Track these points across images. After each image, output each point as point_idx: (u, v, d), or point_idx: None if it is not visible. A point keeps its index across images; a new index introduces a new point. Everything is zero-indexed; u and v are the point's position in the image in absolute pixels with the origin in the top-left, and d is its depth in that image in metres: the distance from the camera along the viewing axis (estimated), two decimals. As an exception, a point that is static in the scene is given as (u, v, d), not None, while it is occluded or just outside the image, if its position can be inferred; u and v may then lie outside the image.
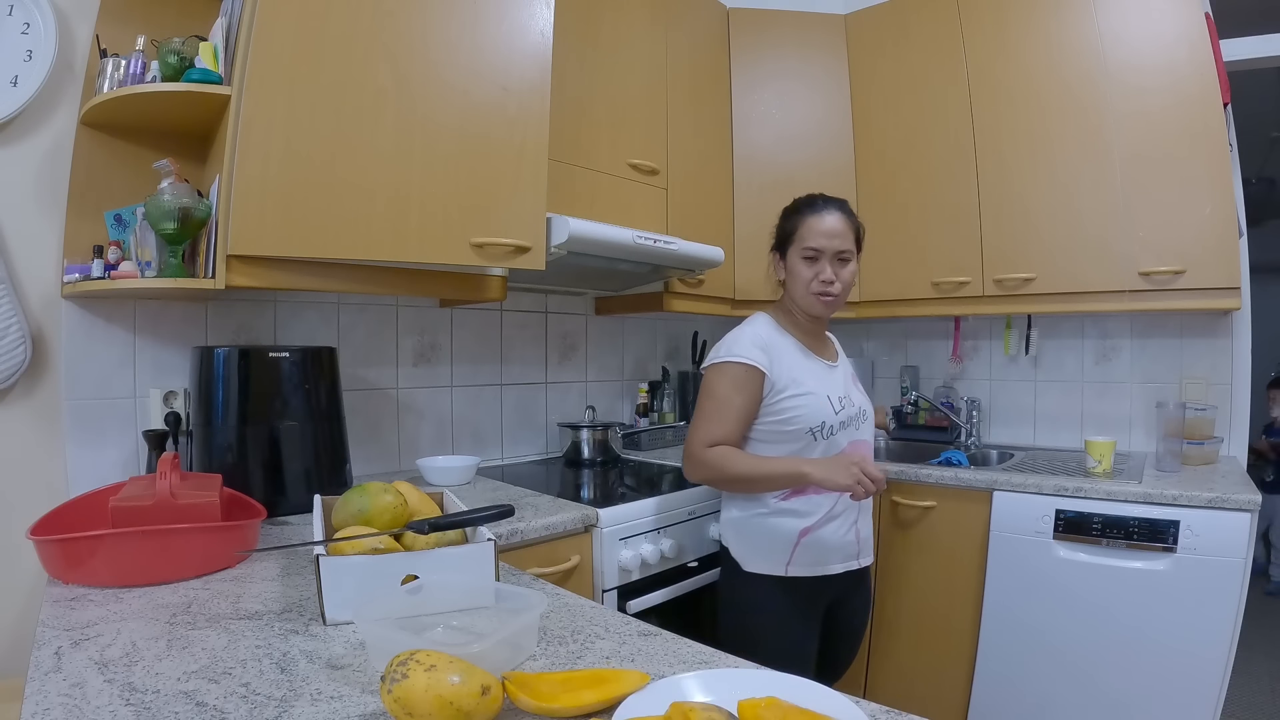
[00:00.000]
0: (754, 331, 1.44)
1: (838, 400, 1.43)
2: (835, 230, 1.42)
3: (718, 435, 1.38)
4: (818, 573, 1.42)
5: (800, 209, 1.46)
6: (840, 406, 1.43)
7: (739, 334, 1.44)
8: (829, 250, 1.41)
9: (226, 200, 1.24)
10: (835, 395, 1.43)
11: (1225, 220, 1.81)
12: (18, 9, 1.33)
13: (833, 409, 1.42)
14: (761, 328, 1.46)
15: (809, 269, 1.42)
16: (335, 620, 0.83)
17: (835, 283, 1.42)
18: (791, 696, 0.61)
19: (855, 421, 1.46)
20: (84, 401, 1.42)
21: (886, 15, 2.35)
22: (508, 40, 1.55)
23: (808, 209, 1.45)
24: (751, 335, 1.43)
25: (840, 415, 1.42)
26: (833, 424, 1.41)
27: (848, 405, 1.45)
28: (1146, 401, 2.20)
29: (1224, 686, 1.57)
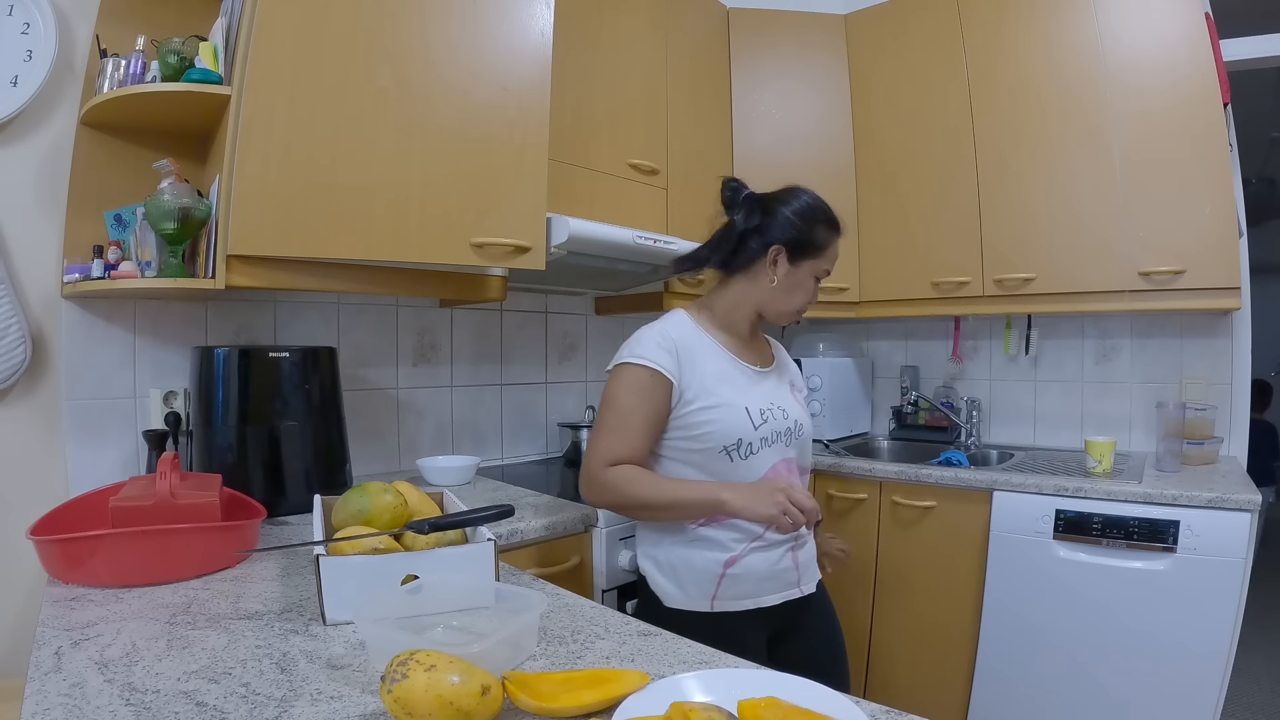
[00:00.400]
0: (663, 330, 1.24)
1: (759, 412, 1.23)
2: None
3: (619, 452, 1.18)
4: (748, 606, 1.22)
5: (834, 227, 1.30)
6: (763, 419, 1.22)
7: (645, 332, 1.25)
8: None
9: (226, 200, 1.24)
10: (757, 406, 1.23)
11: (1225, 220, 1.81)
12: (18, 9, 1.33)
13: (752, 423, 1.21)
14: (673, 326, 1.26)
15: (813, 289, 1.30)
16: (335, 620, 0.83)
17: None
18: (791, 696, 0.61)
19: (786, 437, 1.26)
20: (84, 401, 1.42)
21: (886, 15, 2.35)
22: (508, 40, 1.55)
23: (837, 232, 1.30)
24: (659, 334, 1.23)
25: (762, 430, 1.22)
26: (752, 440, 1.21)
27: (774, 418, 1.24)
28: (1146, 401, 2.20)
29: (1224, 686, 1.57)
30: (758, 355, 1.34)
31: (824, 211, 1.29)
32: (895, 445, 2.53)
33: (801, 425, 1.31)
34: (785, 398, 1.31)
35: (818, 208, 1.28)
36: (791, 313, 1.30)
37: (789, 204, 1.27)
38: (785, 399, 1.31)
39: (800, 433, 1.30)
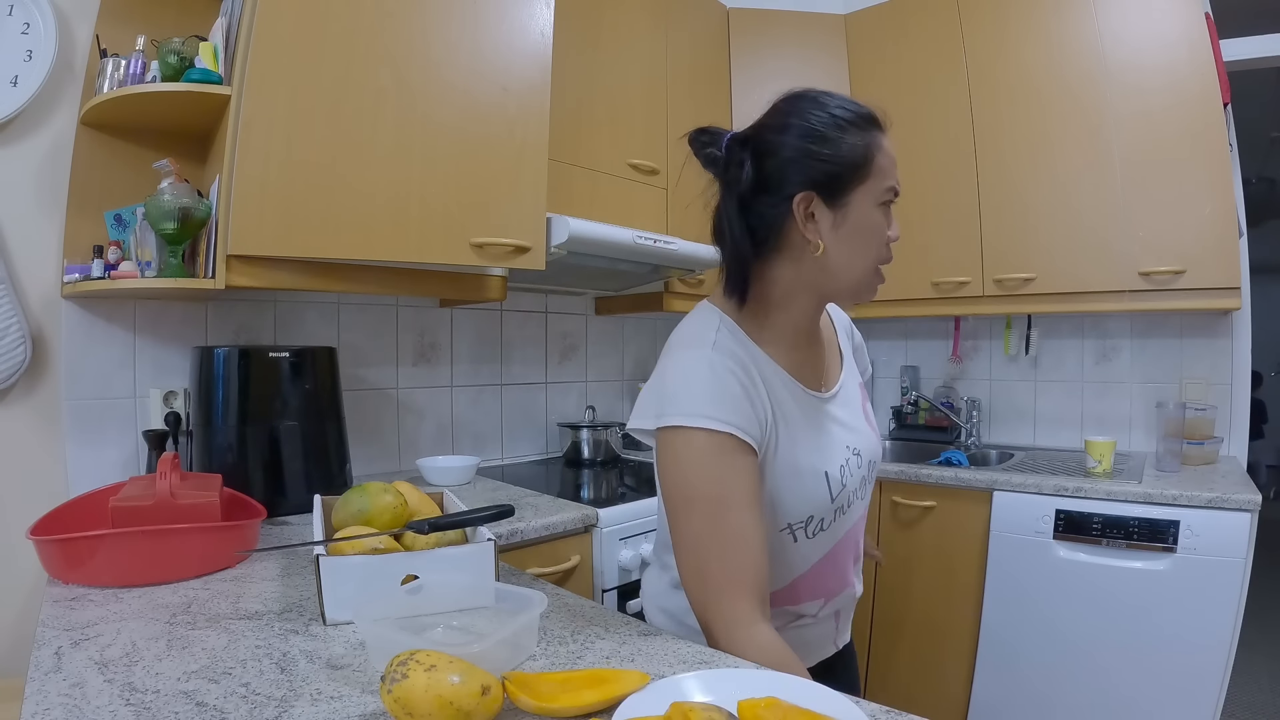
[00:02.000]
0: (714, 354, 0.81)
1: (839, 473, 0.87)
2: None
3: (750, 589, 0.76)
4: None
5: (869, 123, 0.83)
6: (841, 484, 0.87)
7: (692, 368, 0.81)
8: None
9: (226, 200, 1.24)
10: (838, 463, 0.87)
11: (1225, 220, 1.81)
12: (18, 9, 1.33)
13: (829, 493, 0.86)
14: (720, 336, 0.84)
15: (886, 224, 0.84)
16: (335, 620, 0.83)
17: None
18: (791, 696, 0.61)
19: (862, 489, 0.92)
20: (84, 401, 1.42)
21: (886, 15, 2.35)
22: (508, 40, 1.55)
23: (877, 125, 0.84)
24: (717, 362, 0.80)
25: (840, 498, 0.87)
26: (825, 516, 0.87)
27: (852, 473, 0.89)
28: (1146, 401, 2.20)
29: (1224, 686, 1.57)
30: (819, 365, 0.93)
31: (844, 110, 0.83)
32: (895, 445, 2.53)
33: (875, 461, 0.95)
34: (858, 424, 0.93)
35: (834, 110, 0.83)
36: (868, 277, 0.85)
37: (790, 127, 0.84)
38: (858, 427, 0.92)
39: (874, 471, 0.95)
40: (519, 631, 0.73)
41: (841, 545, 0.92)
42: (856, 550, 0.97)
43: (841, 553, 0.93)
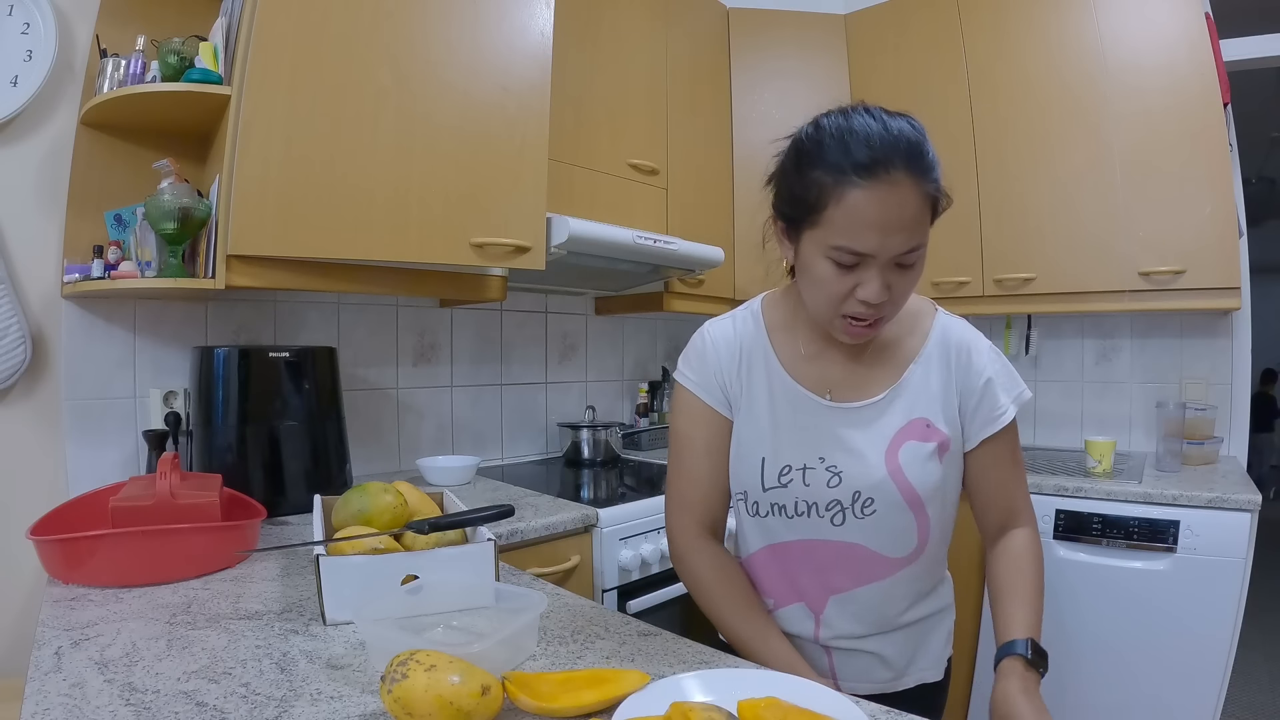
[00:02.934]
0: (723, 325, 0.94)
1: (780, 471, 0.87)
2: (903, 219, 0.74)
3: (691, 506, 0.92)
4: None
5: (837, 161, 0.74)
6: (779, 481, 0.87)
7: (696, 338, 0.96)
8: (884, 256, 0.75)
9: (226, 200, 1.24)
10: (783, 461, 0.87)
11: (1225, 220, 1.81)
12: (18, 9, 1.33)
13: (762, 481, 0.88)
14: (743, 317, 0.95)
15: (838, 279, 0.78)
16: (335, 620, 0.83)
17: (885, 303, 0.78)
18: (791, 696, 0.61)
19: (831, 511, 0.86)
20: (84, 401, 1.42)
21: (886, 15, 2.35)
22: (508, 40, 1.55)
23: (857, 171, 0.73)
24: (716, 333, 0.94)
25: (775, 494, 0.88)
26: (758, 500, 0.89)
27: (804, 484, 0.86)
28: (1146, 401, 2.20)
29: (1224, 686, 1.57)
30: (840, 374, 0.89)
31: (833, 141, 0.75)
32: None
33: (873, 500, 0.85)
34: (864, 451, 0.86)
35: (823, 138, 0.77)
36: (827, 318, 0.82)
37: (790, 140, 0.84)
38: (862, 454, 0.86)
39: (872, 509, 0.85)
40: (519, 631, 0.73)
41: (794, 551, 0.90)
42: (826, 578, 0.89)
43: (794, 560, 0.90)
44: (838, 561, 0.88)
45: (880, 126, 0.75)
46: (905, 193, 0.74)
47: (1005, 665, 0.79)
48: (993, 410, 0.87)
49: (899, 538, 0.87)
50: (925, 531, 0.87)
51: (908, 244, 0.75)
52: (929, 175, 0.76)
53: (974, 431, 0.88)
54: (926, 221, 0.77)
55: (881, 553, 0.87)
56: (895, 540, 0.87)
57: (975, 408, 0.87)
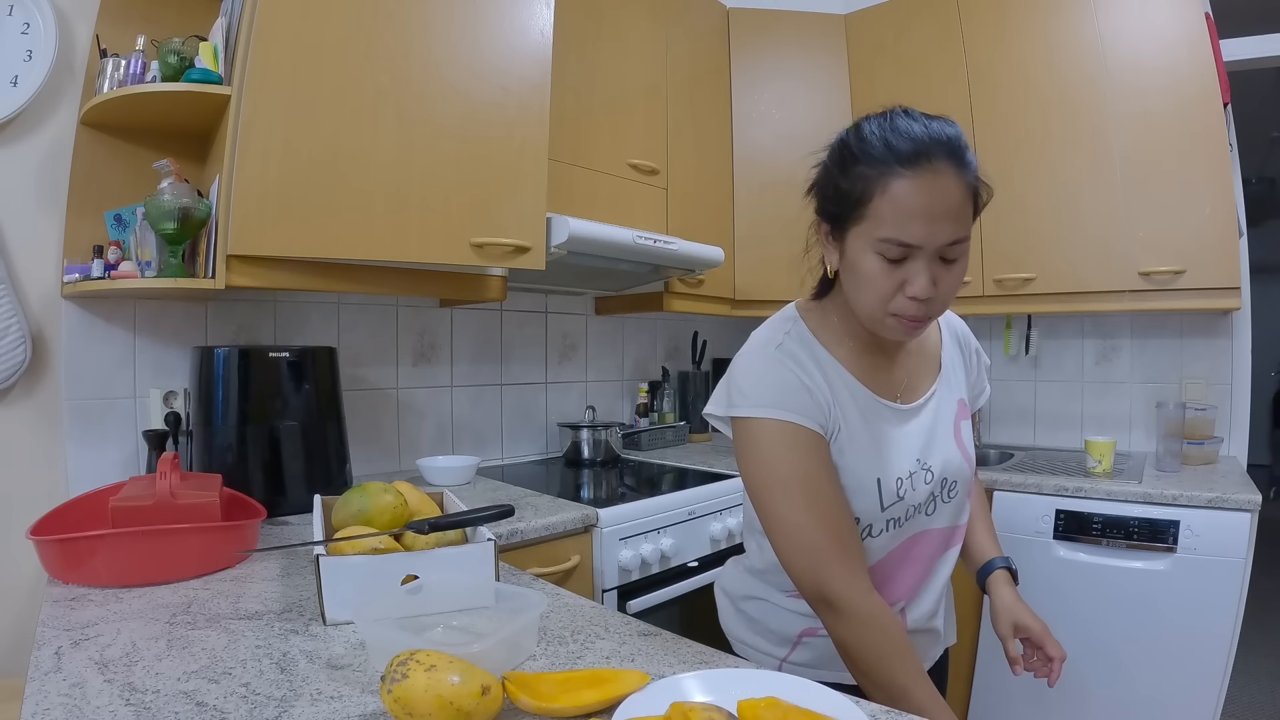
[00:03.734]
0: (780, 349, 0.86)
1: (895, 485, 0.85)
2: (948, 208, 0.74)
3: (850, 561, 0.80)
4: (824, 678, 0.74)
5: (882, 154, 0.76)
6: (897, 496, 0.85)
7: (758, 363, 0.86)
8: (930, 246, 0.75)
9: (226, 200, 1.24)
10: (895, 475, 0.85)
11: (1225, 220, 1.81)
12: (18, 9, 1.33)
13: (880, 502, 0.84)
14: (789, 337, 0.87)
15: (886, 275, 0.77)
16: (335, 620, 0.83)
17: (933, 300, 0.77)
18: (791, 696, 0.61)
19: (929, 505, 0.88)
20: (84, 401, 1.42)
21: (886, 15, 2.35)
22: (508, 40, 1.55)
23: (901, 161, 0.74)
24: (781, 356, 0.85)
25: (892, 510, 0.85)
26: (874, 522, 0.86)
27: (913, 490, 0.86)
28: (1146, 401, 2.20)
29: (1224, 686, 1.57)
30: (898, 375, 0.91)
31: (875, 137, 0.77)
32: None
33: (956, 483, 0.90)
34: (940, 439, 0.90)
35: (866, 135, 0.78)
36: (875, 317, 0.80)
37: (831, 144, 0.85)
38: (938, 442, 0.89)
39: (955, 491, 0.91)
40: (519, 631, 0.73)
41: (895, 561, 0.90)
42: (925, 571, 0.92)
43: (893, 570, 0.90)
44: (930, 549, 0.92)
45: (921, 125, 0.77)
46: (948, 181, 0.74)
47: (997, 576, 1.00)
48: (981, 384, 1.06)
49: (965, 506, 0.96)
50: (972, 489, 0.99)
51: (953, 234, 0.75)
52: (970, 167, 0.76)
53: (971, 401, 1.02)
54: (969, 214, 0.77)
55: (958, 524, 0.95)
56: (963, 508, 0.96)
57: (975, 382, 1.03)
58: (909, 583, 0.92)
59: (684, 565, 1.64)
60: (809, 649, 0.94)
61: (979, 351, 1.04)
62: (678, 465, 2.03)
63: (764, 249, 2.30)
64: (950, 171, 0.74)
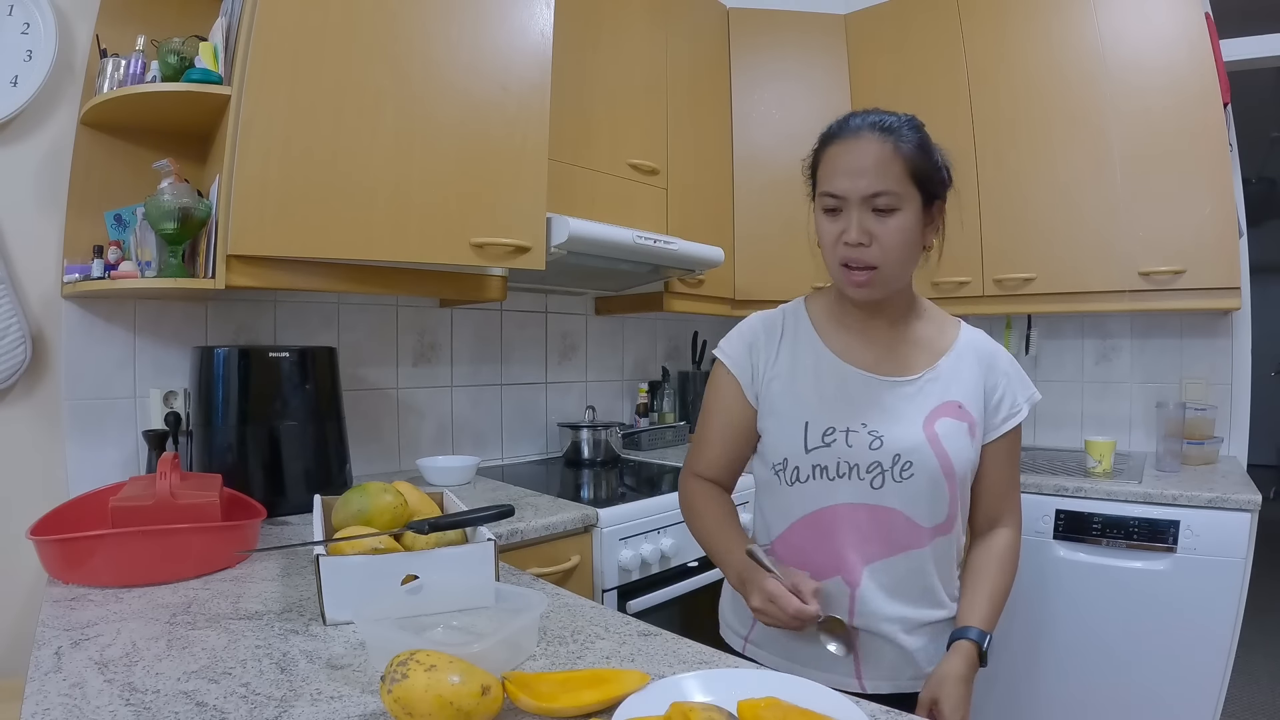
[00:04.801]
0: (762, 315, 1.06)
1: (824, 432, 0.94)
2: (865, 165, 0.89)
3: (696, 463, 1.07)
4: (784, 668, 0.90)
5: (824, 133, 0.97)
6: (823, 441, 0.94)
7: (739, 324, 1.08)
8: (854, 195, 0.89)
9: (226, 200, 1.24)
10: (825, 424, 0.95)
11: (1225, 220, 1.81)
12: (18, 9, 1.32)
13: (804, 443, 0.95)
14: (781, 310, 1.06)
15: (827, 227, 0.94)
16: (335, 620, 0.83)
17: (868, 244, 0.90)
18: (791, 696, 0.61)
19: (872, 474, 0.93)
20: (84, 401, 1.42)
21: (886, 15, 2.35)
22: (508, 40, 1.55)
23: (833, 132, 0.95)
24: (758, 317, 1.06)
25: (818, 455, 0.94)
26: (799, 465, 0.95)
27: (846, 444, 0.93)
28: (1146, 401, 2.20)
29: (1224, 686, 1.57)
30: (883, 354, 0.99)
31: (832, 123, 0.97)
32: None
33: (912, 464, 0.92)
34: (903, 420, 0.94)
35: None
36: (835, 273, 0.96)
37: None
38: (902, 421, 0.94)
39: (911, 473, 0.92)
40: (519, 631, 0.73)
41: (835, 516, 0.95)
42: (864, 545, 0.94)
43: (834, 526, 0.95)
44: (876, 527, 0.94)
45: (864, 112, 0.94)
46: (868, 144, 0.90)
47: (957, 645, 0.90)
48: (1011, 406, 0.99)
49: (933, 505, 0.94)
50: (955, 504, 0.95)
51: (874, 186, 0.89)
52: (899, 137, 0.90)
53: (995, 425, 0.99)
54: (896, 174, 0.90)
55: (916, 520, 0.93)
56: (929, 508, 0.93)
57: (997, 404, 0.99)
58: (849, 558, 0.94)
59: (684, 565, 1.64)
60: (767, 632, 0.99)
61: (1011, 383, 1.00)
62: (678, 465, 2.03)
63: (764, 249, 2.30)
64: (871, 136, 0.90)
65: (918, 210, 0.92)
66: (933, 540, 0.95)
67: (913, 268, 0.96)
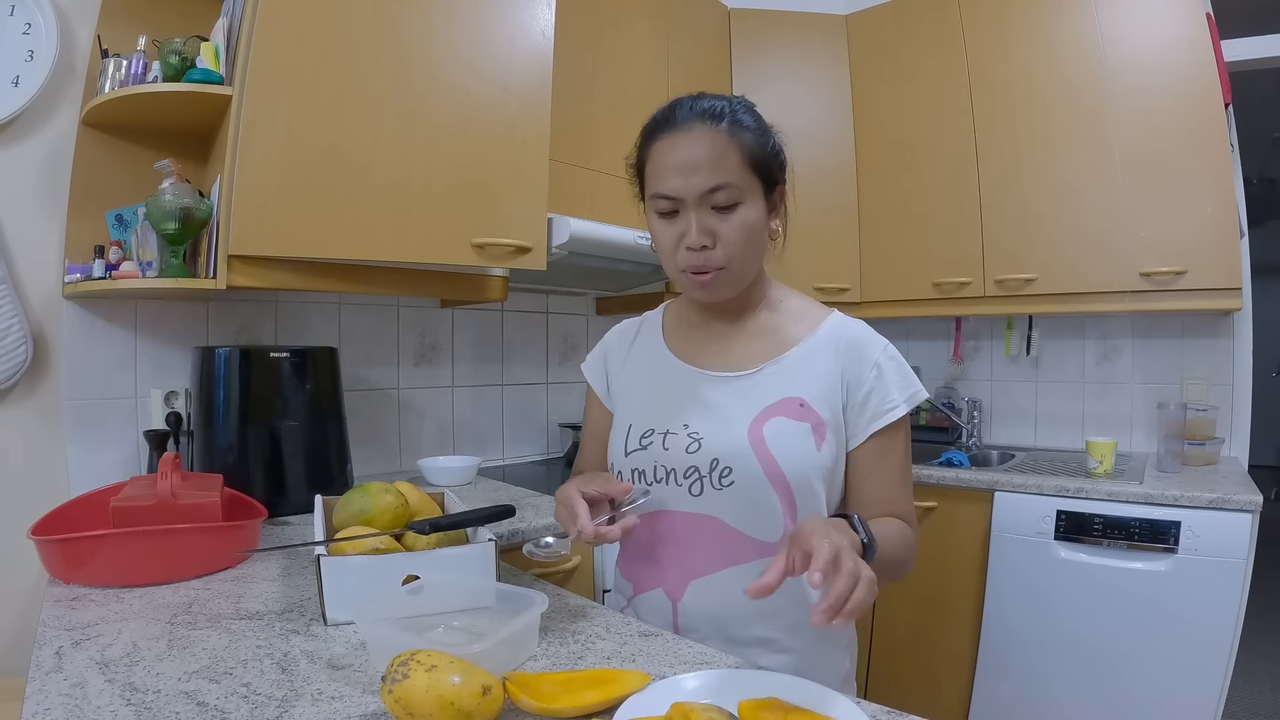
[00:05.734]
0: (630, 320, 1.04)
1: (643, 434, 0.89)
2: (699, 159, 0.81)
3: (576, 470, 1.06)
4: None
5: (648, 125, 0.88)
6: (640, 444, 0.88)
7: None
8: (689, 195, 0.81)
9: (227, 200, 1.24)
10: (645, 425, 0.89)
11: (1226, 220, 1.81)
12: (19, 9, 1.33)
13: (624, 446, 0.90)
14: (651, 312, 1.04)
15: (665, 232, 0.85)
16: (336, 620, 0.83)
17: (711, 245, 0.82)
18: (792, 697, 0.61)
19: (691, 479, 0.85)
20: (85, 401, 1.42)
21: (887, 15, 2.34)
22: (509, 41, 1.55)
23: (658, 126, 0.86)
24: (619, 325, 1.05)
25: (636, 458, 0.89)
26: (621, 470, 0.90)
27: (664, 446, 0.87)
28: (1147, 402, 2.20)
29: (1224, 687, 1.57)
30: (720, 349, 0.92)
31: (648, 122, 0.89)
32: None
33: (731, 470, 0.83)
34: (727, 420, 0.85)
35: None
36: (677, 280, 0.88)
37: None
38: (724, 422, 0.85)
39: (730, 480, 0.83)
40: (520, 632, 0.73)
41: (654, 523, 0.87)
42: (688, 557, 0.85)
43: (654, 534, 0.87)
44: (697, 537, 0.85)
45: (690, 99, 0.86)
46: (700, 135, 0.82)
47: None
48: (882, 403, 0.85)
49: (761, 517, 0.83)
50: (792, 517, 0.83)
51: (710, 181, 0.80)
52: (731, 122, 0.83)
53: (861, 425, 0.85)
54: (734, 164, 0.81)
55: (742, 530, 0.83)
56: (757, 519, 0.83)
57: (864, 400, 0.85)
58: (672, 571, 0.86)
59: (684, 565, 1.63)
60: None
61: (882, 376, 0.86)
62: (678, 465, 2.03)
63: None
64: (702, 127, 0.82)
65: (760, 200, 0.84)
66: (764, 557, 0.82)
67: (761, 260, 0.88)
